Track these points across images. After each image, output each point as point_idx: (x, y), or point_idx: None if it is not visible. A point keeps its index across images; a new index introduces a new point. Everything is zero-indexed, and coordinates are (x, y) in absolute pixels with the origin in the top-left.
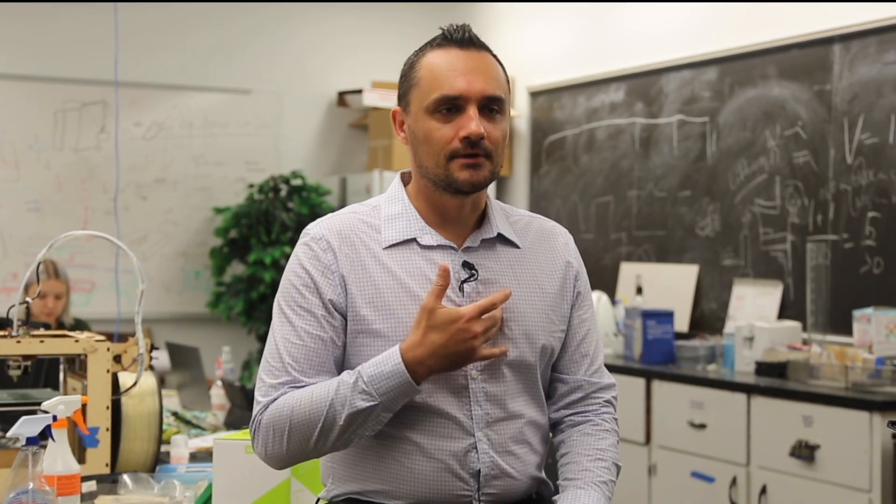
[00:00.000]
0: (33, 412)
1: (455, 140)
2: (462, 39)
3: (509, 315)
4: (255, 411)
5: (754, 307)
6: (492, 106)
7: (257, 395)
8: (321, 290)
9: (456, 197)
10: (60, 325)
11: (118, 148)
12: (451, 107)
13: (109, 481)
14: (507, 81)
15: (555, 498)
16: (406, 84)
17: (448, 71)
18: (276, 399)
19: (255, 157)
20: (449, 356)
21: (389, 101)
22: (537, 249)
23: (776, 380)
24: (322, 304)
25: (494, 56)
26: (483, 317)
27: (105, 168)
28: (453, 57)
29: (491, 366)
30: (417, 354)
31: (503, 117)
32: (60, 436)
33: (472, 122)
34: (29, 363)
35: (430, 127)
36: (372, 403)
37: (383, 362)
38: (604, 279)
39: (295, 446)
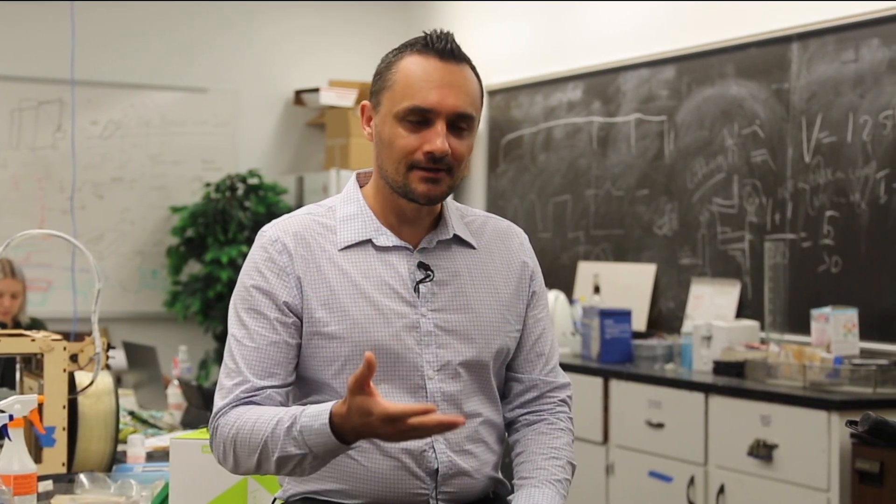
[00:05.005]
0: None
1: (418, 152)
2: (443, 50)
3: (465, 315)
4: (213, 411)
5: (712, 306)
6: (460, 123)
7: (216, 397)
8: (275, 292)
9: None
10: (17, 325)
11: (75, 147)
12: (420, 119)
13: (66, 481)
14: (482, 95)
15: (510, 498)
16: (380, 83)
17: (423, 81)
18: (232, 407)
19: (211, 155)
20: (378, 437)
21: (346, 99)
22: (493, 250)
23: (734, 379)
24: (275, 307)
25: (473, 69)
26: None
27: (61, 167)
28: (431, 67)
29: (447, 366)
30: (345, 426)
31: (471, 134)
32: (17, 435)
33: (439, 139)
34: None
35: (395, 133)
36: (301, 452)
37: (317, 416)
38: (561, 278)
39: (242, 466)
